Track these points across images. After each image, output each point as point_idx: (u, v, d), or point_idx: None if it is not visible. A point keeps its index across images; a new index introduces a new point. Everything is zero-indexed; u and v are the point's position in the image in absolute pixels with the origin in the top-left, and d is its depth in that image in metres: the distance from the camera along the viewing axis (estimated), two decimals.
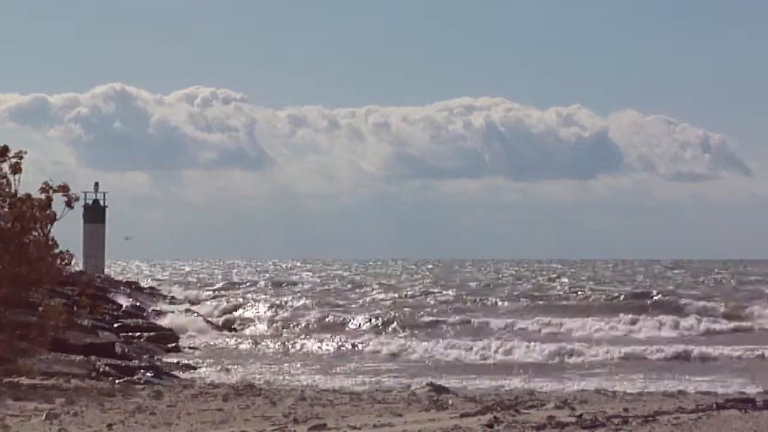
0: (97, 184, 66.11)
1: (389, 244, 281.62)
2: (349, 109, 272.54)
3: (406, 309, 48.81)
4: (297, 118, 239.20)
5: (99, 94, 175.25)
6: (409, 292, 63.22)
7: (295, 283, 79.70)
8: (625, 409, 12.74)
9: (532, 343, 32.84)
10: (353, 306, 52.61)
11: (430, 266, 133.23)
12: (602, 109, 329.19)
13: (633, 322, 41.56)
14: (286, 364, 29.12)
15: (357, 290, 67.41)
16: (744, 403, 12.90)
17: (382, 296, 59.80)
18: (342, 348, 33.96)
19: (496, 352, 31.77)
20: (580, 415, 11.94)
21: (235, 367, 27.55)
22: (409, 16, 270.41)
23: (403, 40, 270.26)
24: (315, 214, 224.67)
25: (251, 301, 54.23)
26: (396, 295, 60.74)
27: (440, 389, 19.35)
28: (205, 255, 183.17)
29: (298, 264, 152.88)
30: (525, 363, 29.70)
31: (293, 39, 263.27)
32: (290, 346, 33.92)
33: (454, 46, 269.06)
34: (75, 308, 28.49)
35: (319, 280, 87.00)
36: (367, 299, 57.45)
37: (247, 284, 77.85)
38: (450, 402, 14.58)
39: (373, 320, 43.22)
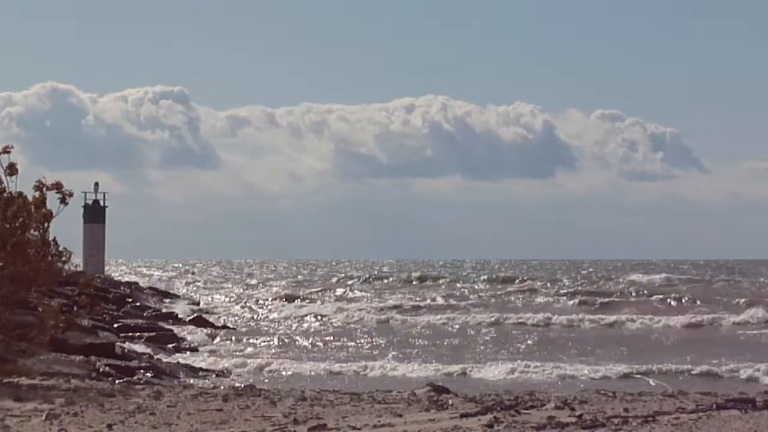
0: (96, 184, 66.17)
1: (352, 243, 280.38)
2: (287, 108, 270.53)
3: None
4: (238, 118, 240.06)
5: (33, 93, 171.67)
6: None
7: None
8: (625, 409, 12.74)
9: None
10: None
11: None
12: (552, 105, 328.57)
13: None
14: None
15: None
16: (744, 403, 12.92)
17: None
18: None
19: None
20: (580, 416, 11.95)
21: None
22: (347, 17, 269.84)
23: (346, 41, 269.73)
24: (274, 212, 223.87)
25: None
26: None
27: (440, 389, 19.35)
28: (169, 255, 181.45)
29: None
30: None
31: (232, 39, 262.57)
32: None
33: (398, 46, 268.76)
34: (75, 308, 28.55)
35: None
36: None
37: None
38: (450, 402, 14.57)
39: None
